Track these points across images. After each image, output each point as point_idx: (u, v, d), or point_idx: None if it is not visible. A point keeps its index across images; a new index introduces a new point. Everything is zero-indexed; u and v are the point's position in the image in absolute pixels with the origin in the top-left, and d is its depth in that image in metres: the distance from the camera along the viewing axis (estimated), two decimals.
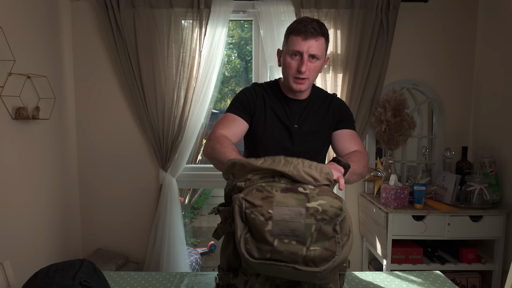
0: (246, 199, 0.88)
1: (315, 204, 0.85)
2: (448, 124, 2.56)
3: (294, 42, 1.30)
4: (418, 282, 1.30)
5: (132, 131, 2.53)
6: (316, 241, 0.83)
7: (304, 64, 1.28)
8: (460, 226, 2.12)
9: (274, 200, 0.87)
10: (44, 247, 2.13)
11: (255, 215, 0.85)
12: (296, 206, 0.85)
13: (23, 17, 1.93)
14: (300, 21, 1.31)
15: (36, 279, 0.91)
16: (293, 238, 0.83)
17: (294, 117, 1.41)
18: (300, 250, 0.82)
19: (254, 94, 1.43)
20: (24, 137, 1.95)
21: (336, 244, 0.84)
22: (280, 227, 0.83)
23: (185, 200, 3.79)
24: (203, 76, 2.35)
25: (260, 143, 1.41)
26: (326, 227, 0.84)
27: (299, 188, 0.89)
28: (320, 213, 0.84)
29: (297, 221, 0.83)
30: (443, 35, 2.51)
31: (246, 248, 0.86)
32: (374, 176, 2.49)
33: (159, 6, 2.31)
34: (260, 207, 0.86)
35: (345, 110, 1.47)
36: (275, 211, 0.85)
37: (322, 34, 1.30)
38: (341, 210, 0.86)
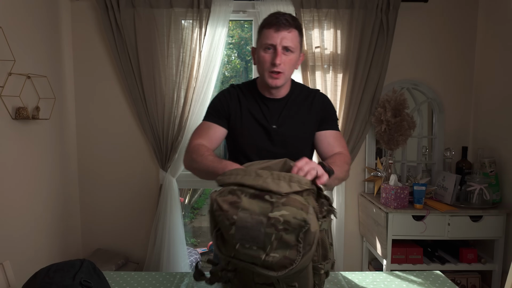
0: (217, 200, 0.92)
1: (278, 214, 0.86)
2: (448, 124, 2.56)
3: (266, 35, 1.27)
4: (418, 282, 1.30)
5: (132, 131, 2.53)
6: (277, 249, 0.86)
7: (278, 56, 1.25)
8: (460, 226, 2.12)
9: (240, 206, 0.89)
10: (44, 247, 2.13)
11: (221, 218, 0.90)
12: (258, 214, 0.87)
13: (23, 17, 1.93)
14: (272, 14, 1.29)
15: (36, 279, 0.91)
16: (253, 244, 0.86)
17: (272, 117, 1.36)
18: (259, 256, 0.86)
19: (228, 97, 1.40)
20: (24, 137, 1.95)
21: (297, 253, 0.86)
22: (241, 233, 0.87)
23: (185, 200, 3.79)
24: (203, 76, 2.35)
25: (240, 146, 1.38)
26: (289, 236, 0.86)
27: (266, 196, 0.90)
28: (281, 224, 0.85)
29: (257, 229, 0.86)
30: (443, 35, 2.51)
31: (217, 243, 0.93)
32: (374, 176, 2.49)
33: (159, 6, 2.31)
34: (226, 211, 0.89)
35: (328, 108, 1.42)
36: (238, 217, 0.88)
37: (295, 26, 1.28)
38: (305, 222, 0.86)
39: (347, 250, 2.59)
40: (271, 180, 0.93)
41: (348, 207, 2.57)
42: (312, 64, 2.38)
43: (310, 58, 2.37)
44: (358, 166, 2.56)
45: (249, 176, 0.96)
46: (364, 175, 2.58)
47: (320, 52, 2.37)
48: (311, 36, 2.36)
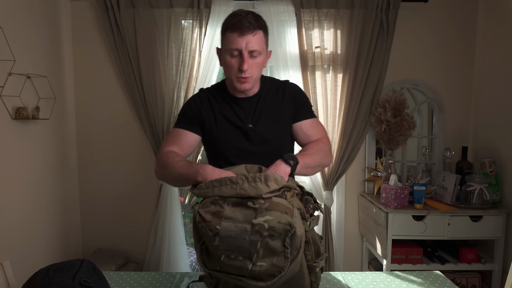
0: (199, 212, 0.91)
1: (262, 220, 0.85)
2: (448, 124, 2.56)
3: (231, 40, 1.23)
4: (418, 282, 1.30)
5: (132, 131, 2.53)
6: (264, 257, 0.84)
7: (245, 62, 1.21)
8: (460, 226, 2.12)
9: (223, 215, 0.88)
10: (44, 247, 2.13)
11: (205, 230, 0.87)
12: (242, 222, 0.85)
13: (23, 17, 1.93)
14: (234, 15, 1.24)
15: (36, 279, 0.91)
16: (238, 254, 0.84)
17: (247, 117, 1.33)
18: (246, 266, 0.83)
19: (199, 103, 1.36)
20: (24, 137, 1.95)
21: (285, 259, 0.84)
22: (226, 243, 0.85)
23: (185, 200, 3.79)
24: (203, 76, 2.35)
25: (219, 150, 1.34)
26: (275, 243, 0.85)
27: (249, 202, 0.89)
28: (266, 230, 0.84)
29: (241, 237, 0.84)
30: (443, 35, 2.51)
31: (202, 258, 0.90)
32: (374, 176, 2.49)
33: (159, 6, 2.31)
34: (209, 222, 0.87)
35: (300, 97, 1.40)
36: (221, 227, 0.86)
37: (259, 27, 1.24)
38: (290, 226, 0.85)
39: (347, 250, 2.59)
40: (247, 185, 0.91)
41: (348, 207, 2.57)
42: (312, 64, 2.38)
43: (310, 58, 2.37)
44: (358, 166, 2.56)
45: (225, 186, 0.93)
46: (364, 175, 2.58)
47: (320, 52, 2.37)
48: (311, 36, 2.36)
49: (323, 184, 2.46)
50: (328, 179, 2.44)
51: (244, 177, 0.92)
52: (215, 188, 0.94)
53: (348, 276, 1.34)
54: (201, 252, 0.90)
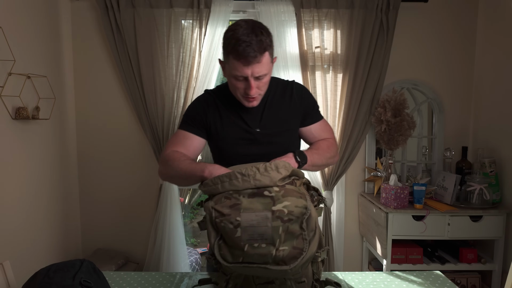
0: (215, 208, 0.92)
1: (281, 206, 0.89)
2: (448, 124, 2.56)
3: (235, 67, 1.15)
4: (418, 282, 1.30)
5: (132, 131, 2.53)
6: (285, 241, 0.87)
7: (252, 88, 1.18)
8: (460, 226, 2.12)
9: (241, 207, 0.90)
10: (44, 247, 2.13)
11: (224, 224, 0.89)
12: (262, 210, 0.89)
13: (23, 17, 1.93)
14: (238, 40, 1.12)
15: (36, 279, 0.91)
16: (262, 242, 0.86)
17: (254, 120, 1.30)
18: (270, 252, 0.86)
19: (205, 105, 1.33)
20: (24, 137, 1.95)
21: (304, 241, 0.88)
22: (248, 233, 0.87)
23: (185, 200, 3.79)
24: (203, 76, 2.35)
25: (226, 154, 1.33)
26: (293, 226, 0.88)
27: (265, 192, 0.92)
28: (286, 215, 0.88)
29: (264, 225, 0.87)
30: (443, 35, 2.51)
31: (220, 254, 0.90)
32: (374, 176, 2.49)
33: (159, 6, 2.31)
34: (228, 215, 0.89)
35: (308, 99, 1.38)
36: (242, 218, 0.88)
37: (265, 49, 1.15)
38: (306, 209, 0.90)
39: (347, 250, 2.59)
40: (260, 175, 0.94)
41: (348, 207, 2.57)
42: (312, 64, 2.38)
43: (310, 58, 2.37)
44: (358, 166, 2.56)
45: (236, 180, 0.95)
46: (364, 175, 2.58)
47: (320, 52, 2.37)
48: (311, 36, 2.36)
49: (323, 184, 2.46)
50: (328, 179, 2.44)
51: (255, 168, 0.95)
52: (225, 183, 0.95)
53: (348, 276, 1.34)
54: (219, 248, 0.90)
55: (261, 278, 0.98)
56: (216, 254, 0.90)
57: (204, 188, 1.00)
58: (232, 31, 1.15)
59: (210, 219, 0.92)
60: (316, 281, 1.04)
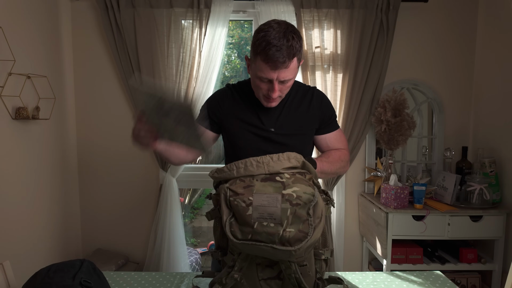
0: (230, 188, 1.00)
1: (290, 191, 0.96)
2: (448, 124, 2.56)
3: (262, 69, 1.16)
4: (418, 282, 1.30)
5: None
6: (292, 223, 0.93)
7: (275, 92, 1.19)
8: (460, 226, 2.12)
9: (254, 188, 0.98)
10: (44, 247, 2.13)
11: (237, 202, 0.96)
12: (273, 193, 0.97)
13: (23, 17, 1.93)
14: (268, 43, 1.12)
15: (36, 279, 0.91)
16: (271, 221, 0.93)
17: (269, 120, 1.32)
18: (277, 232, 0.92)
19: (220, 99, 1.36)
20: (24, 137, 1.95)
21: (309, 226, 0.93)
22: (259, 212, 0.94)
23: (185, 200, 3.79)
24: (203, 76, 2.35)
25: (238, 149, 1.35)
26: (301, 211, 0.94)
27: (277, 177, 1.01)
28: (295, 199, 0.95)
29: (274, 205, 0.95)
30: (443, 35, 2.51)
31: (231, 231, 0.96)
32: (374, 176, 2.49)
33: (159, 6, 2.31)
34: (241, 194, 0.97)
35: (327, 108, 1.39)
36: (254, 198, 0.96)
37: (294, 54, 1.15)
38: (314, 196, 0.96)
39: (347, 250, 2.59)
40: (273, 162, 1.03)
41: (348, 207, 2.57)
42: (312, 64, 2.38)
43: (310, 58, 2.37)
44: (358, 166, 2.56)
45: (251, 166, 1.03)
46: (364, 175, 2.58)
47: (320, 52, 2.37)
48: (311, 36, 2.36)
49: (323, 184, 2.46)
50: (328, 179, 2.44)
51: (269, 157, 1.04)
52: (240, 169, 1.04)
53: (348, 276, 1.34)
54: (230, 225, 0.97)
55: (265, 272, 1.02)
56: (227, 231, 0.96)
57: (218, 174, 1.07)
58: (264, 31, 1.14)
59: (224, 198, 1.00)
60: (319, 279, 1.06)
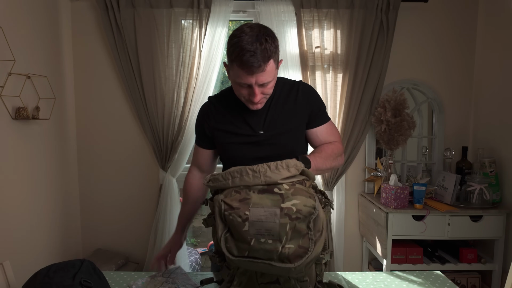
0: (225, 201, 0.93)
1: (289, 204, 0.90)
2: (448, 124, 2.56)
3: (239, 75, 1.14)
4: (418, 282, 1.30)
5: (132, 131, 2.53)
6: (291, 239, 0.88)
7: (256, 96, 1.17)
8: (460, 226, 2.12)
9: (250, 201, 0.91)
10: (44, 247, 2.13)
11: (233, 217, 0.90)
12: (271, 207, 0.90)
13: (23, 17, 1.93)
14: (242, 49, 1.10)
15: (36, 279, 0.91)
16: (269, 237, 0.87)
17: (257, 123, 1.29)
18: (276, 248, 0.87)
19: (205, 115, 1.35)
20: (24, 137, 1.95)
21: (310, 241, 0.89)
22: (256, 227, 0.88)
23: None
24: (203, 76, 2.35)
25: (231, 158, 1.33)
26: (301, 225, 0.89)
27: (275, 189, 0.93)
28: (294, 213, 0.89)
29: (272, 221, 0.88)
30: (443, 35, 2.51)
31: (226, 247, 0.91)
32: (374, 176, 2.49)
33: (159, 6, 2.31)
34: (237, 209, 0.90)
35: (315, 100, 1.35)
36: (251, 212, 0.89)
37: (269, 57, 1.12)
38: (314, 209, 0.90)
39: (347, 250, 2.59)
40: (270, 172, 0.95)
41: (348, 207, 2.57)
42: (312, 64, 2.38)
43: (310, 58, 2.37)
44: (358, 166, 2.56)
45: (247, 176, 0.96)
46: (364, 175, 2.58)
47: (320, 52, 2.37)
48: (311, 36, 2.36)
49: (323, 184, 2.46)
50: (328, 179, 2.44)
51: (266, 166, 0.96)
52: (235, 179, 0.96)
53: (348, 276, 1.34)
54: (226, 241, 0.91)
55: (264, 277, 0.99)
56: (222, 246, 0.91)
57: (213, 184, 1.01)
58: (237, 37, 1.13)
59: (219, 212, 0.93)
60: (319, 283, 1.04)
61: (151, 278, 1.25)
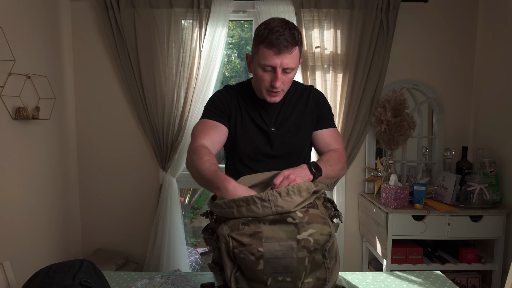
0: (232, 236, 0.83)
1: (306, 235, 0.81)
2: (448, 124, 2.56)
3: (265, 56, 1.16)
4: (418, 282, 1.30)
5: (132, 131, 2.53)
6: (309, 273, 0.81)
7: (278, 80, 1.18)
8: (460, 226, 2.12)
9: (262, 235, 0.81)
10: (44, 247, 2.13)
11: (244, 255, 0.81)
12: (286, 240, 0.81)
13: (23, 17, 1.93)
14: (271, 30, 1.15)
15: (36, 279, 0.91)
16: (287, 275, 0.79)
17: (270, 120, 1.33)
18: (296, 286, 0.80)
19: (228, 98, 1.34)
20: (24, 137, 1.95)
21: (326, 270, 0.83)
22: (272, 266, 0.79)
23: (185, 200, 3.79)
24: (203, 76, 2.35)
25: (239, 149, 1.33)
26: (317, 256, 0.82)
27: (288, 218, 0.84)
28: (312, 244, 0.81)
29: (289, 256, 0.79)
30: (443, 35, 2.51)
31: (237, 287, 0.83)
32: (374, 176, 2.49)
33: (159, 6, 2.31)
34: (249, 245, 0.81)
35: (324, 105, 1.39)
36: (265, 248, 0.80)
37: (296, 43, 1.17)
38: (330, 236, 0.84)
39: (347, 250, 2.59)
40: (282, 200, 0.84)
41: (348, 207, 2.57)
42: (312, 64, 2.38)
43: (310, 58, 2.37)
44: (358, 166, 2.56)
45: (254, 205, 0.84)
46: (364, 175, 2.58)
47: (320, 52, 2.37)
48: (311, 36, 2.36)
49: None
50: None
51: (276, 193, 0.85)
52: (241, 208, 0.85)
53: (348, 276, 1.34)
54: (236, 281, 0.82)
55: None
56: (233, 287, 0.82)
57: (216, 209, 0.90)
58: (265, 24, 1.19)
59: (226, 249, 0.84)
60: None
61: (149, 279, 1.25)
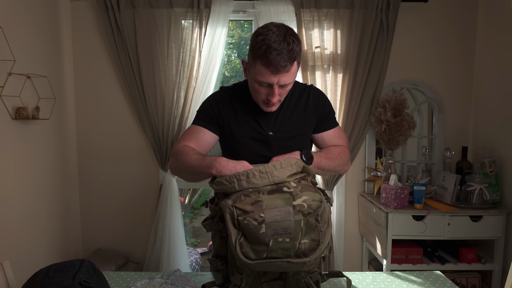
0: (236, 206, 0.94)
1: (300, 201, 0.94)
2: (448, 124, 2.56)
3: (262, 73, 1.12)
4: (418, 282, 1.30)
5: (132, 131, 2.53)
6: (305, 234, 0.92)
7: (275, 96, 1.16)
8: (460, 226, 2.12)
9: (263, 203, 0.93)
10: (44, 247, 2.13)
11: (248, 221, 0.91)
12: (283, 206, 0.93)
13: (23, 17, 1.93)
14: (269, 47, 1.08)
15: (36, 279, 0.91)
16: (286, 236, 0.90)
17: (267, 124, 1.29)
18: (293, 246, 0.90)
19: (219, 102, 1.31)
20: (24, 137, 1.95)
21: (319, 233, 0.93)
22: (273, 228, 0.90)
23: (185, 200, 3.79)
24: (203, 76, 2.35)
25: (236, 153, 1.31)
26: (311, 219, 0.93)
27: (284, 188, 0.97)
28: (306, 209, 0.93)
29: (287, 219, 0.91)
30: (443, 35, 2.51)
31: (242, 252, 0.91)
32: (374, 176, 2.49)
33: (159, 6, 2.31)
34: (251, 212, 0.92)
35: (324, 106, 1.36)
36: (266, 214, 0.91)
37: (294, 58, 1.12)
38: (321, 202, 0.96)
39: (347, 250, 2.59)
40: (277, 171, 0.99)
41: (348, 207, 2.57)
42: (312, 64, 2.38)
43: (310, 58, 2.37)
44: (358, 166, 2.56)
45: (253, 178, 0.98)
46: (364, 175, 2.58)
47: (320, 52, 2.37)
48: (311, 36, 2.36)
49: (323, 184, 2.46)
50: (328, 179, 2.44)
51: (272, 166, 1.00)
52: (242, 182, 0.98)
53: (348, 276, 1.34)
54: (241, 246, 0.91)
55: (267, 275, 1.01)
56: (238, 252, 0.91)
57: (217, 186, 1.01)
58: (263, 35, 1.11)
59: (231, 218, 0.93)
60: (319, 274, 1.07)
61: (149, 279, 1.25)
